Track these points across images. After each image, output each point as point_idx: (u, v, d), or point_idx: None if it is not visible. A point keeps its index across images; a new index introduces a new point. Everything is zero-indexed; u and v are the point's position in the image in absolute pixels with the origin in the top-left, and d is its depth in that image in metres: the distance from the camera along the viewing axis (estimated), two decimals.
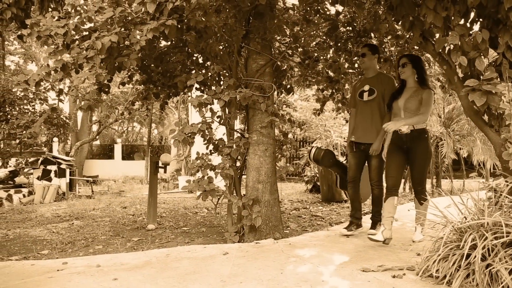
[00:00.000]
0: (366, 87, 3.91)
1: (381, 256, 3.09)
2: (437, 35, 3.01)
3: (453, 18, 2.82)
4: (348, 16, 4.63)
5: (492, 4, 2.65)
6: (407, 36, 4.44)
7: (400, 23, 3.25)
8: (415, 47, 4.47)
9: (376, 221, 3.95)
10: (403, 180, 8.68)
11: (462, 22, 2.88)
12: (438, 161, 8.52)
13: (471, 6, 2.72)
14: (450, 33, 2.72)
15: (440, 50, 2.95)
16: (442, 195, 3.27)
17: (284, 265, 2.84)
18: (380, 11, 4.19)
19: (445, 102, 8.65)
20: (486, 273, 2.17)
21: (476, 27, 2.87)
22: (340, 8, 4.36)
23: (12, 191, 8.18)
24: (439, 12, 2.76)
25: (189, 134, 3.49)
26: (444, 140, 8.28)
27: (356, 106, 4.01)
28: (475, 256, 2.19)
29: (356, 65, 4.97)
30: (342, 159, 5.47)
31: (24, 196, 8.29)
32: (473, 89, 2.64)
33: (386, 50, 4.86)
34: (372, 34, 4.65)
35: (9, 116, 6.04)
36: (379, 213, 3.89)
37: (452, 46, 2.76)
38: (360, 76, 4.65)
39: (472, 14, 2.89)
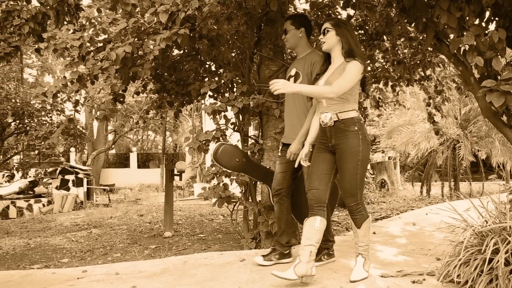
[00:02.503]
0: (293, 72, 3.04)
1: (400, 261, 3.04)
2: (452, 36, 2.97)
3: (467, 18, 2.78)
4: (360, 19, 4.61)
5: (508, 2, 2.60)
6: (421, 37, 4.40)
7: (413, 25, 3.22)
8: (429, 48, 4.43)
9: (321, 248, 2.91)
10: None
11: (477, 22, 2.84)
12: (455, 163, 8.37)
13: (486, 5, 2.68)
14: (465, 33, 2.68)
15: (455, 51, 2.91)
16: (460, 198, 3.20)
17: None
18: (392, 14, 4.16)
19: (461, 103, 8.52)
20: (510, 278, 2.12)
21: (492, 27, 2.82)
22: (351, 11, 4.35)
23: (32, 201, 8.34)
24: (453, 13, 2.72)
25: (204, 142, 3.51)
26: (461, 142, 8.14)
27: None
28: (498, 261, 2.13)
29: (369, 69, 4.95)
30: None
31: (43, 205, 8.44)
32: (490, 90, 2.59)
33: (399, 52, 4.82)
34: (385, 37, 4.61)
35: (28, 127, 6.18)
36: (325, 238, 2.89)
37: (467, 47, 2.71)
38: None
39: (488, 13, 2.84)
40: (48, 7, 3.71)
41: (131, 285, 2.63)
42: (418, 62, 4.72)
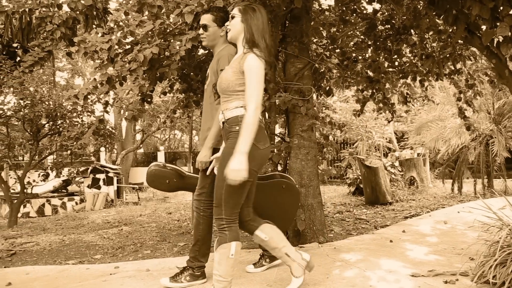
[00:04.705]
0: (209, 71, 2.74)
1: (431, 260, 2.97)
2: (484, 28, 2.86)
3: (501, 8, 2.68)
4: (386, 13, 4.52)
5: None
6: (450, 30, 4.27)
7: (442, 18, 3.13)
8: (459, 41, 4.29)
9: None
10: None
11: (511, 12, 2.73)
12: (489, 160, 8.08)
13: None
14: (498, 24, 2.58)
15: (488, 43, 2.80)
16: (495, 196, 3.09)
17: (330, 269, 2.80)
18: (420, 6, 4.05)
19: (494, 97, 8.21)
20: None
21: None
22: (377, 6, 4.26)
23: (65, 199, 8.64)
24: (485, 3, 2.62)
25: None
26: (495, 137, 7.85)
27: None
28: None
29: (396, 64, 4.84)
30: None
31: (76, 203, 8.73)
32: None
33: (427, 46, 4.70)
34: (412, 31, 4.50)
35: (61, 129, 6.39)
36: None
37: (501, 38, 2.62)
38: None
39: None
40: (78, 12, 3.82)
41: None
42: (448, 55, 4.57)
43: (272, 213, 2.72)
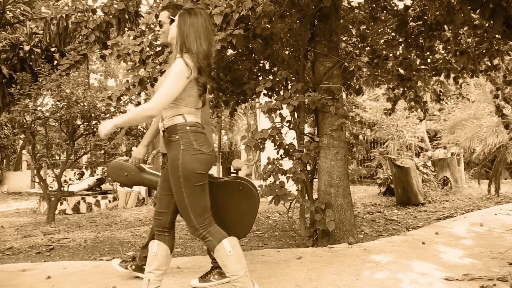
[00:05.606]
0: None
1: (466, 264, 2.88)
2: None
3: None
4: (418, 9, 4.40)
5: None
6: (487, 25, 4.11)
7: (478, 12, 3.02)
8: (497, 36, 4.12)
9: (213, 267, 2.77)
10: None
11: None
12: None
13: None
14: None
15: None
16: None
17: (360, 270, 2.76)
18: (454, 1, 3.92)
19: None
20: None
21: None
22: (408, 2, 4.17)
23: (99, 197, 8.93)
24: None
25: (260, 140, 3.55)
26: None
27: None
28: None
29: (428, 61, 4.71)
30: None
31: (109, 201, 9.00)
32: None
33: (462, 42, 4.54)
34: (446, 27, 4.37)
35: (95, 129, 6.61)
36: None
37: None
38: None
39: None
40: (111, 16, 3.94)
41: (192, 279, 2.73)
42: (484, 51, 4.41)
43: (225, 216, 2.67)
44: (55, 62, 7.65)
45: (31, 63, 7.50)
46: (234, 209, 2.74)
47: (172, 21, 2.55)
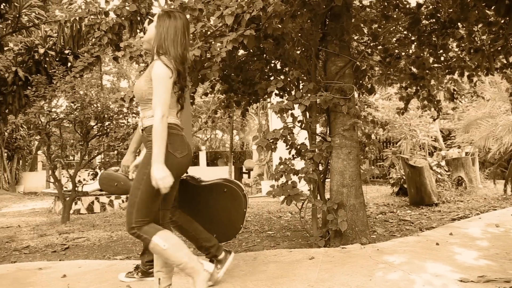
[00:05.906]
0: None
1: (481, 266, 2.83)
2: None
3: None
4: (431, 7, 4.35)
5: None
6: (502, 21, 4.04)
7: (493, 8, 2.97)
8: None
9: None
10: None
11: None
12: None
13: None
14: None
15: None
16: None
17: (373, 271, 2.74)
18: None
19: None
20: None
21: None
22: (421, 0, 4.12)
23: (113, 197, 9.03)
24: None
25: (272, 140, 3.55)
26: None
27: None
28: None
29: (442, 59, 4.65)
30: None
31: (123, 201, 9.09)
32: None
33: (476, 39, 4.47)
34: (459, 24, 4.30)
35: (108, 130, 6.68)
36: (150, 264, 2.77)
37: None
38: None
39: None
40: (124, 18, 3.99)
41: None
42: (499, 48, 4.33)
43: (213, 218, 2.66)
44: (69, 64, 7.75)
45: (45, 66, 7.61)
46: (222, 211, 2.76)
47: (150, 21, 2.50)
